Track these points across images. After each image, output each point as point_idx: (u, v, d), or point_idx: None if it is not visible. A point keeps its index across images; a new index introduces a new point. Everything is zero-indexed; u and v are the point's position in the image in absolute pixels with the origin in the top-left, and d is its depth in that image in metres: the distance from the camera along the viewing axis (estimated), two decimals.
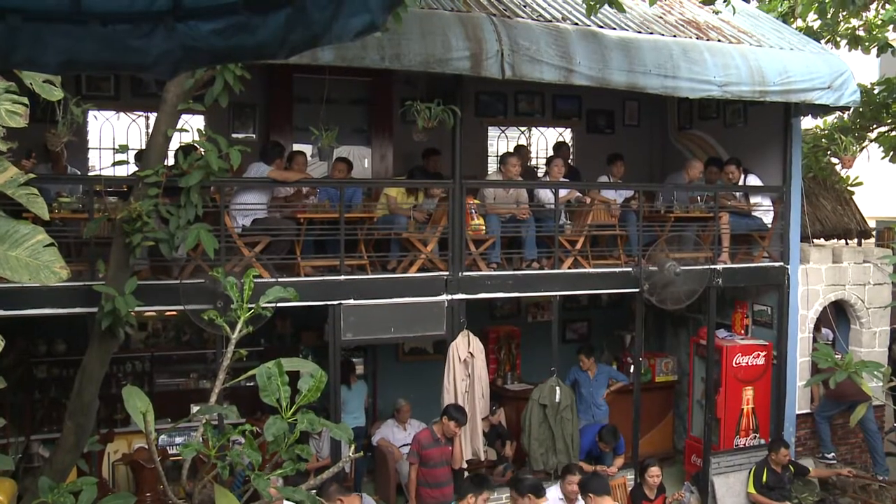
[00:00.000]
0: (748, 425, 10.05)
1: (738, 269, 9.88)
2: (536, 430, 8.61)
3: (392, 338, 8.40)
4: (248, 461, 3.51)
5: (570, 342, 12.05)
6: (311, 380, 3.62)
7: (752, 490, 9.39)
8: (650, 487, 8.16)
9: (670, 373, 11.57)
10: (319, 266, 8.07)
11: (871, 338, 10.83)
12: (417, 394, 10.05)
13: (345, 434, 3.52)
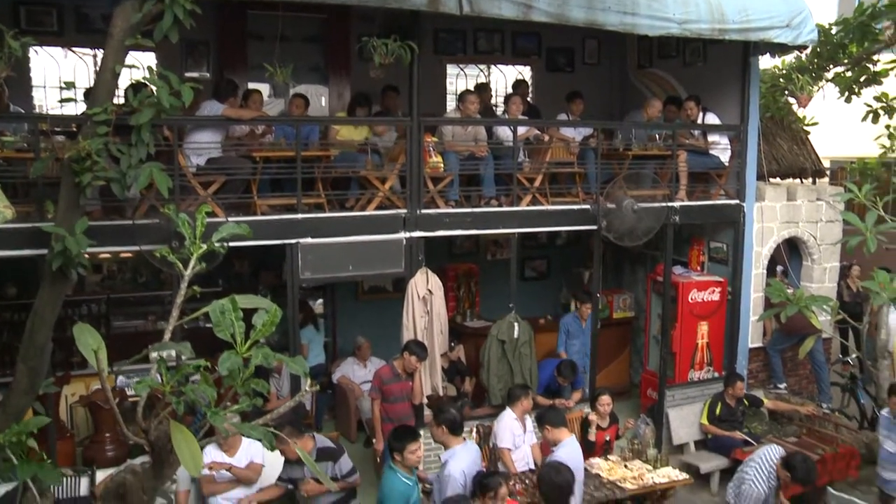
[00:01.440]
0: (703, 359, 10.28)
1: (694, 206, 9.97)
2: (495, 366, 8.71)
3: (351, 276, 8.37)
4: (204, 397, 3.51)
5: (529, 280, 12.19)
6: (266, 315, 3.61)
7: (704, 421, 9.63)
8: (601, 416, 8.32)
9: (628, 309, 11.76)
10: (276, 205, 8.00)
11: (822, 273, 11.06)
12: (377, 332, 10.11)
13: (300, 367, 3.52)
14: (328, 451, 6.39)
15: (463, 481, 6.07)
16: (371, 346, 10.06)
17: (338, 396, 10.17)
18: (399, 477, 5.93)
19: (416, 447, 5.99)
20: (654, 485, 7.79)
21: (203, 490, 6.78)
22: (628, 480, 7.73)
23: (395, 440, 5.99)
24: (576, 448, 6.65)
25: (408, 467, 5.98)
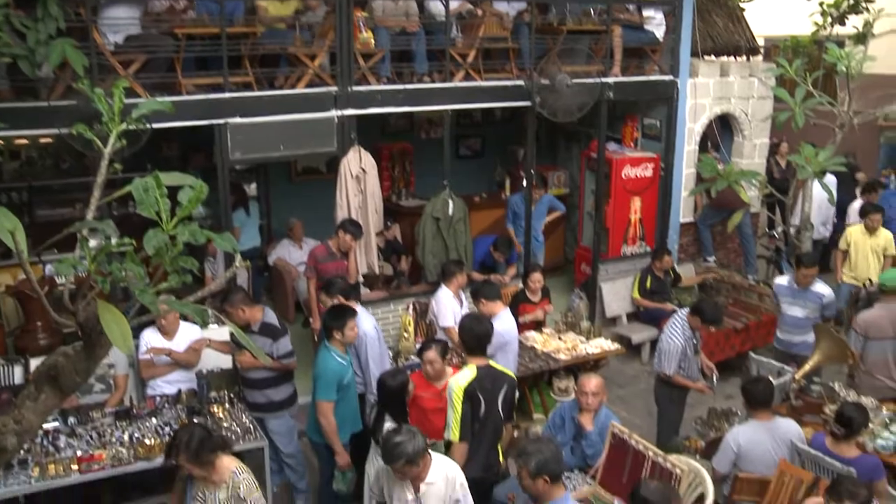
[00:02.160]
0: (635, 234, 10.48)
1: (628, 82, 9.94)
2: (430, 243, 8.74)
3: (282, 156, 8.21)
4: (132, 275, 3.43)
5: (464, 158, 12.14)
6: (192, 191, 3.50)
7: (636, 295, 9.90)
8: (533, 291, 8.48)
9: (562, 186, 11.85)
10: (202, 84, 7.71)
11: (752, 150, 11.24)
12: (312, 213, 10.03)
13: (228, 244, 3.44)
14: (270, 328, 6.39)
15: (376, 335, 6.48)
16: (304, 227, 10.00)
17: (274, 279, 10.15)
18: (333, 356, 5.95)
19: (354, 324, 6.04)
20: (587, 355, 8.03)
21: (142, 374, 6.78)
22: (562, 352, 7.96)
23: (333, 319, 6.00)
24: (510, 320, 6.78)
25: (344, 345, 6.01)
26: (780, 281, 8.25)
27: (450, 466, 4.64)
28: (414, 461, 4.35)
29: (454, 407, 5.33)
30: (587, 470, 5.72)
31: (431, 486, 4.49)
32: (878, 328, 7.24)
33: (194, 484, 4.56)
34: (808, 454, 5.83)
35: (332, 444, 5.98)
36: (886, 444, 6.29)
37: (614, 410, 6.83)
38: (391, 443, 4.37)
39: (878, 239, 9.35)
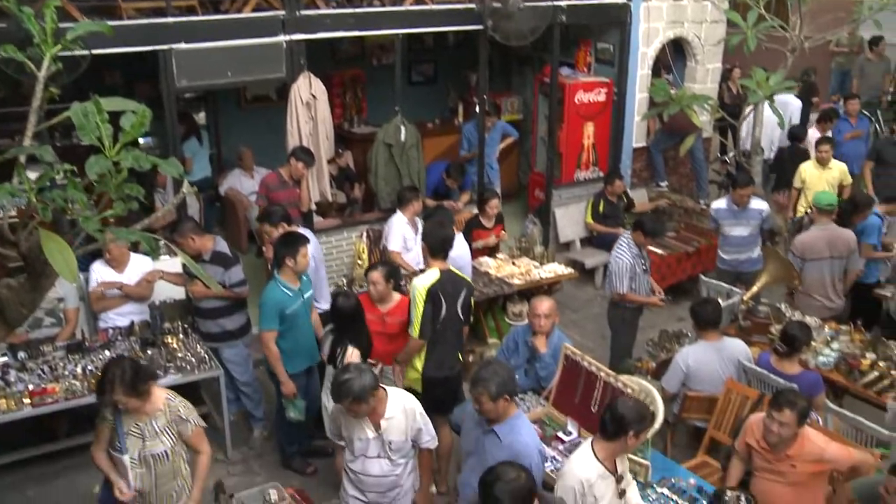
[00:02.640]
0: (588, 159, 10.49)
1: (581, 6, 9.81)
2: (383, 170, 8.66)
3: (230, 83, 8.00)
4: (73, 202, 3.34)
5: (416, 84, 11.98)
6: (135, 116, 3.40)
7: (589, 220, 9.97)
8: (488, 217, 8.49)
9: (515, 111, 11.77)
10: (144, 8, 7.45)
11: (705, 74, 11.21)
12: (263, 141, 9.86)
13: (174, 169, 3.36)
14: (222, 257, 6.33)
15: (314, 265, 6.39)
16: (255, 156, 9.85)
17: (226, 209, 10.02)
18: (278, 286, 5.89)
19: (307, 251, 5.97)
20: (541, 280, 8.11)
21: (93, 307, 6.69)
22: (516, 276, 8.02)
23: (284, 246, 5.94)
24: (464, 245, 6.80)
25: (296, 274, 5.96)
26: (719, 205, 8.35)
27: (406, 399, 4.59)
28: (362, 398, 4.24)
29: (416, 306, 5.62)
30: (540, 392, 5.82)
31: (391, 421, 4.44)
32: (814, 250, 7.41)
33: (126, 420, 4.35)
34: (754, 372, 5.99)
35: (277, 373, 5.97)
36: (827, 361, 6.50)
37: (568, 334, 6.93)
38: (338, 381, 4.29)
39: (831, 171, 9.15)
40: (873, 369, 6.39)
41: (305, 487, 5.56)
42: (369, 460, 4.51)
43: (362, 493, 4.64)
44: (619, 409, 4.00)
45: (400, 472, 4.58)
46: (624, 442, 3.99)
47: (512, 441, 4.21)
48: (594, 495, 3.95)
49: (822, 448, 4.71)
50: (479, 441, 4.35)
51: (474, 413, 4.39)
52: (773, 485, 4.80)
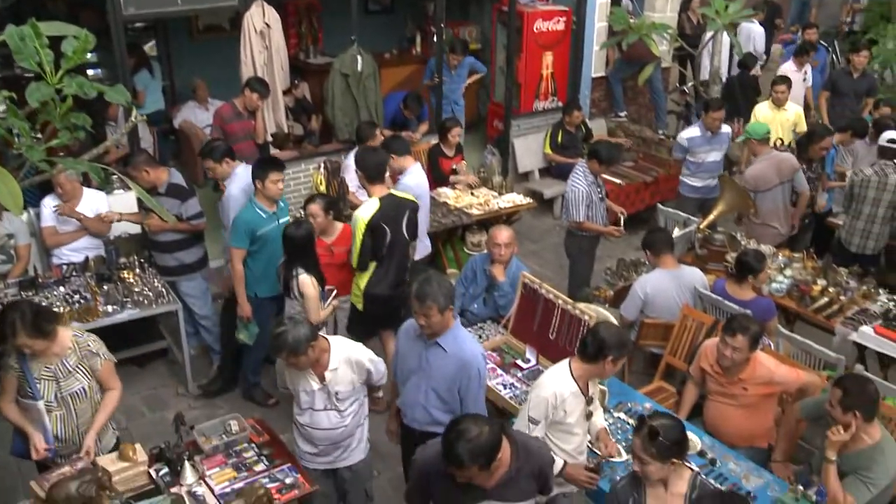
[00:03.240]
0: (547, 89, 10.42)
1: None
2: (340, 100, 8.51)
3: (180, 11, 7.71)
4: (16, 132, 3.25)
5: (373, 14, 11.74)
6: (77, 41, 3.29)
7: (547, 150, 9.95)
8: (450, 146, 8.45)
9: (474, 41, 11.62)
10: None
11: (664, 3, 11.13)
12: (217, 73, 9.63)
13: (121, 96, 3.27)
14: (178, 189, 6.22)
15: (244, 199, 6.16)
16: (209, 87, 9.63)
17: (181, 142, 9.82)
18: (254, 207, 5.89)
19: (278, 178, 5.90)
20: (500, 210, 8.11)
21: (46, 243, 6.55)
22: (474, 207, 8.01)
23: (257, 168, 5.90)
24: (421, 175, 6.75)
25: (269, 199, 5.91)
26: (692, 133, 8.32)
27: (352, 349, 4.39)
28: (297, 351, 4.07)
29: (356, 238, 5.76)
30: (499, 320, 5.87)
31: (336, 372, 4.28)
32: (764, 180, 7.51)
33: (34, 365, 4.19)
34: (709, 299, 6.09)
35: (237, 293, 5.99)
36: (780, 287, 6.63)
37: (527, 264, 6.97)
38: (273, 333, 4.12)
39: (786, 113, 8.92)
40: (823, 295, 6.53)
41: (266, 418, 5.57)
42: (317, 413, 4.35)
43: (314, 447, 4.50)
44: (600, 332, 4.04)
45: (350, 422, 4.43)
46: (601, 366, 4.04)
47: (457, 350, 4.27)
48: (564, 409, 4.04)
49: (773, 371, 4.83)
50: (422, 357, 4.33)
51: (411, 331, 4.40)
52: (725, 408, 4.92)
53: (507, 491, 3.33)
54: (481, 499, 3.35)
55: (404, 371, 4.44)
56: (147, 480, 4.21)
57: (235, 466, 4.40)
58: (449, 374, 4.29)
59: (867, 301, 6.48)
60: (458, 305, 6.00)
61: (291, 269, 5.53)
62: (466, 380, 4.30)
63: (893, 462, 4.24)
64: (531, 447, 3.49)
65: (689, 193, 8.46)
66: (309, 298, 5.44)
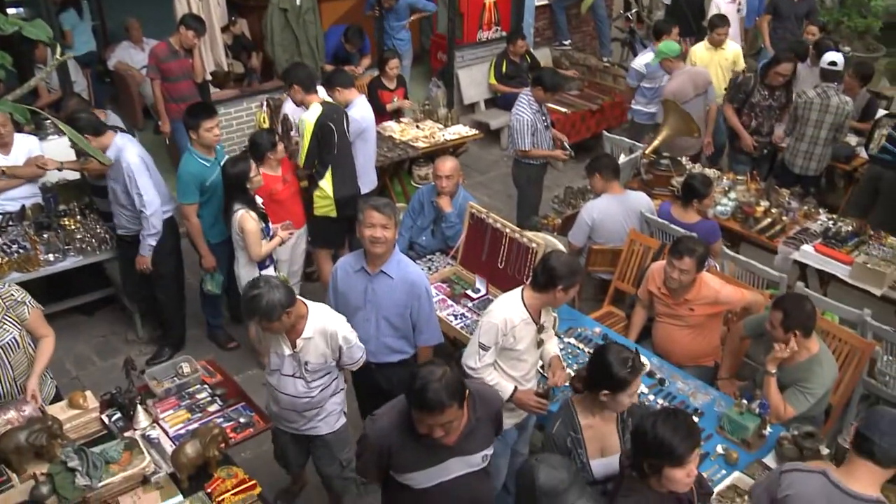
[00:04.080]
0: (490, 19, 10.30)
1: None
2: (279, 36, 8.31)
3: None
4: None
5: None
6: None
7: (492, 80, 9.87)
8: (390, 78, 8.33)
9: None
10: None
11: None
12: (150, 11, 9.34)
13: (41, 32, 3.13)
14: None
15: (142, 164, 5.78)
16: (144, 27, 9.34)
17: (117, 85, 9.56)
18: (194, 157, 5.75)
19: (212, 124, 5.73)
20: (446, 142, 8.07)
21: None
22: (420, 140, 7.95)
23: (189, 117, 5.74)
24: (367, 108, 6.66)
25: (206, 147, 5.77)
26: (647, 59, 8.28)
27: (329, 320, 4.06)
28: (270, 317, 3.79)
29: (304, 139, 5.96)
30: (447, 251, 5.88)
31: (309, 342, 4.01)
32: (683, 93, 7.66)
33: None
34: (656, 223, 6.16)
35: (198, 246, 5.91)
36: (724, 210, 6.72)
37: (476, 196, 6.96)
38: (247, 296, 3.85)
39: (724, 53, 8.58)
40: (766, 216, 6.65)
41: (220, 360, 5.54)
42: (284, 377, 4.13)
43: (279, 408, 4.31)
44: (551, 261, 4.03)
45: (317, 395, 4.18)
46: (552, 295, 4.04)
47: (403, 274, 4.29)
48: (514, 336, 4.07)
49: (717, 291, 4.92)
50: (367, 291, 4.33)
51: (348, 268, 4.39)
52: (673, 328, 5.02)
53: (470, 442, 3.25)
54: (448, 456, 3.24)
55: (347, 311, 4.35)
56: (100, 427, 4.16)
57: (189, 408, 4.38)
58: (399, 300, 4.31)
59: (808, 221, 6.61)
60: (407, 238, 6.00)
61: (229, 206, 5.48)
62: (417, 301, 4.33)
63: (829, 372, 4.39)
64: (485, 394, 3.42)
65: (644, 120, 8.49)
66: (249, 233, 5.38)
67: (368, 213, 4.18)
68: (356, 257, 4.41)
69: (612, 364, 3.36)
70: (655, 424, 2.96)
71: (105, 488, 3.60)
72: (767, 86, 7.61)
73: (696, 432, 2.98)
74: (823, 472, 3.20)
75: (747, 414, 4.26)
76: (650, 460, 2.98)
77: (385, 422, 3.25)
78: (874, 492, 3.11)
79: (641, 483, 3.05)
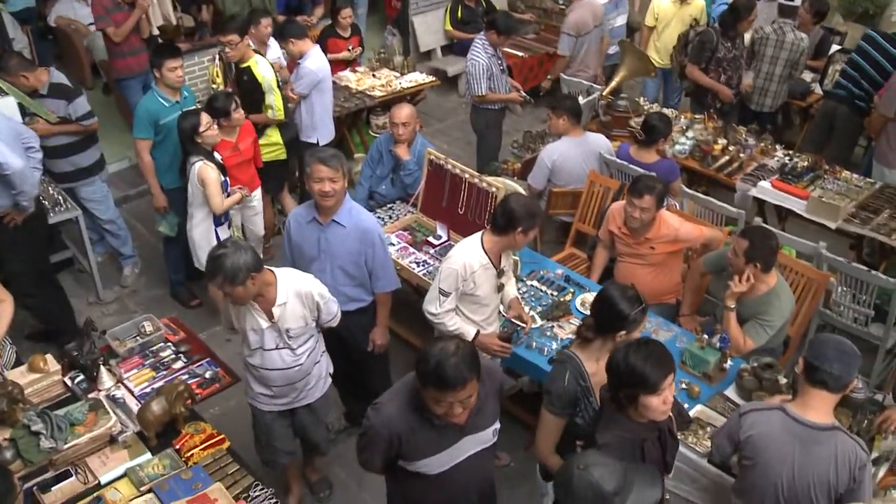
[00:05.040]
0: None
1: None
2: None
3: None
4: None
5: None
6: None
7: (448, 27, 9.77)
8: (343, 27, 8.19)
9: None
10: None
11: None
12: None
13: None
14: (62, 89, 5.86)
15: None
16: None
17: (61, 42, 9.25)
18: (155, 96, 5.73)
19: (175, 65, 5.69)
20: (403, 90, 7.97)
21: None
22: (377, 89, 7.86)
23: (154, 56, 5.69)
24: (322, 58, 6.56)
25: (170, 87, 5.73)
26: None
27: (299, 281, 3.90)
28: (234, 280, 3.57)
29: (274, 92, 6.14)
30: (408, 199, 5.85)
31: (285, 307, 3.83)
32: (584, 24, 7.76)
33: None
34: (615, 164, 6.18)
35: (149, 184, 5.91)
36: (682, 149, 6.75)
37: (435, 143, 6.92)
38: (212, 255, 3.64)
39: (688, 8, 8.10)
40: (724, 154, 6.69)
41: (185, 318, 5.51)
42: (268, 353, 3.92)
43: (269, 388, 4.09)
44: (510, 203, 4.01)
45: (305, 361, 4.03)
46: (512, 237, 4.04)
47: (355, 222, 4.28)
48: (474, 281, 4.08)
49: (677, 229, 4.96)
50: (320, 241, 4.30)
51: (301, 219, 4.35)
52: (634, 267, 5.06)
53: (480, 419, 3.12)
54: (461, 436, 3.10)
55: (302, 264, 4.33)
56: (63, 389, 4.13)
57: (153, 367, 4.36)
58: (353, 248, 4.30)
59: (765, 157, 6.67)
60: (367, 188, 5.96)
61: (185, 159, 5.44)
62: (371, 248, 4.32)
63: (787, 304, 4.47)
64: (488, 367, 3.23)
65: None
66: (209, 183, 5.31)
67: (316, 167, 4.10)
68: (307, 208, 4.37)
69: (623, 305, 3.34)
70: (627, 354, 2.98)
71: (71, 450, 3.59)
72: (730, 37, 7.32)
73: (668, 360, 2.99)
74: (781, 408, 3.27)
75: (708, 349, 4.33)
76: (625, 390, 3.00)
77: (391, 409, 3.04)
78: (829, 418, 3.19)
79: (621, 415, 3.07)
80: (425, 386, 2.86)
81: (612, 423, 3.10)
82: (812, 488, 3.16)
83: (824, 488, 3.15)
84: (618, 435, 3.06)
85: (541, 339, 4.55)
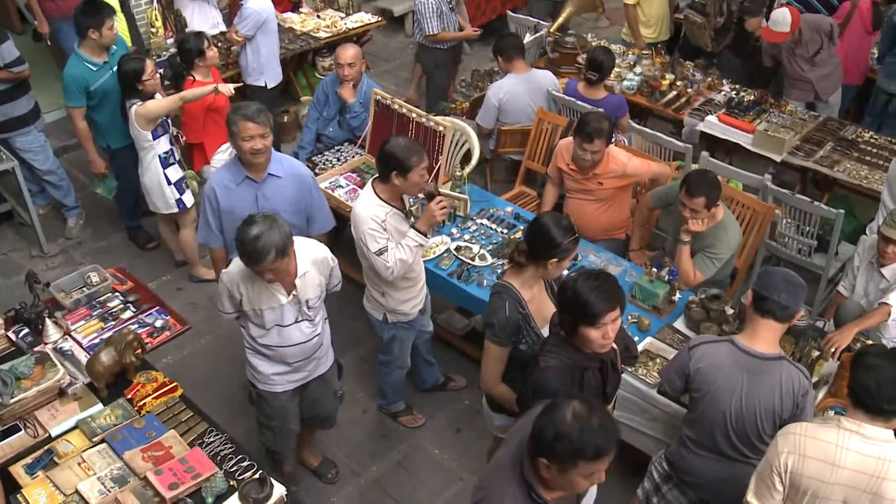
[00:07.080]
0: None
1: None
2: None
3: None
4: None
5: None
6: None
7: None
8: None
9: None
10: None
11: None
12: None
13: None
14: None
15: None
16: None
17: None
18: (80, 61, 5.50)
19: (114, 23, 5.52)
20: (348, 31, 7.82)
21: None
22: (322, 30, 7.70)
23: (87, 16, 5.42)
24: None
25: (100, 48, 5.51)
26: None
27: (313, 247, 3.77)
28: (285, 251, 3.36)
29: None
30: (356, 141, 5.78)
31: (305, 278, 3.65)
32: None
33: None
34: (563, 100, 6.16)
35: (86, 149, 5.80)
36: (630, 85, 6.76)
37: (383, 84, 6.82)
38: (247, 238, 3.32)
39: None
40: (672, 89, 6.71)
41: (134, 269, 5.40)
42: (286, 329, 3.72)
43: (286, 365, 3.89)
44: (386, 148, 3.88)
45: (321, 329, 3.89)
46: (393, 185, 3.91)
47: (289, 170, 4.22)
48: (395, 228, 3.99)
49: (625, 164, 4.97)
50: (258, 198, 4.15)
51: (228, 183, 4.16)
52: (584, 203, 5.08)
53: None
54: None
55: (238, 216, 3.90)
56: (7, 344, 4.05)
57: (101, 317, 4.29)
58: (292, 197, 4.21)
59: (712, 92, 6.71)
60: (314, 130, 5.88)
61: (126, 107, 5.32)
62: (308, 191, 4.27)
63: (734, 236, 4.54)
64: None
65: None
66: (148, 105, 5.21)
67: (244, 124, 3.94)
68: (230, 171, 4.17)
69: (556, 233, 3.34)
70: (577, 281, 3.00)
71: (18, 404, 3.53)
72: None
73: (616, 295, 3.00)
74: (730, 340, 3.33)
75: (657, 282, 4.39)
76: (567, 317, 3.04)
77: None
78: (776, 348, 3.26)
79: (566, 342, 3.11)
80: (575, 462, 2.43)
81: (556, 348, 3.14)
82: (758, 416, 3.24)
83: (770, 415, 3.24)
84: (559, 359, 3.09)
85: (492, 278, 4.57)
